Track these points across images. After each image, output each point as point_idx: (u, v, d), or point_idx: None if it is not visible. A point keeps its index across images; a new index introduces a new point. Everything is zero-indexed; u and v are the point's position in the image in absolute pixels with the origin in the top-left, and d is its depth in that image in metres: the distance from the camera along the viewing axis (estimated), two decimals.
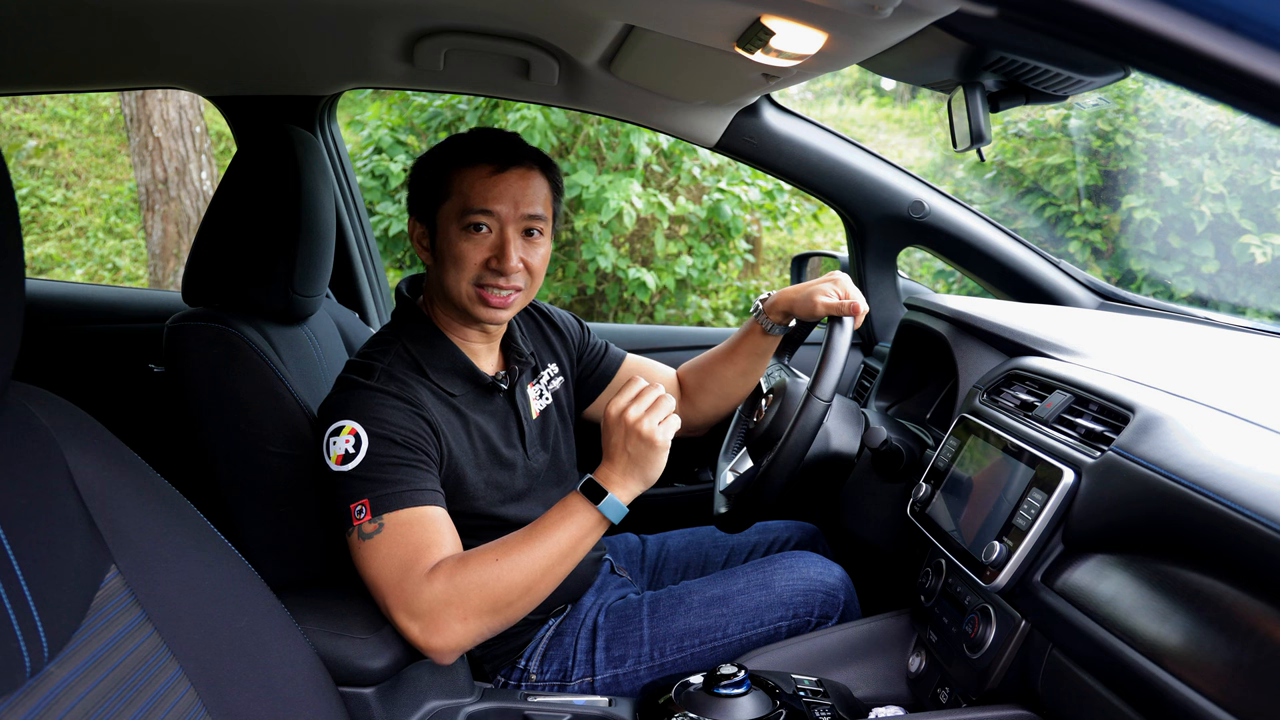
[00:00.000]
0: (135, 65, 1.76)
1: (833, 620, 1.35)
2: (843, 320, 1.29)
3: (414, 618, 1.05)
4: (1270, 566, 0.70)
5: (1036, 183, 5.36)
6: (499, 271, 1.20)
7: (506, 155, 1.22)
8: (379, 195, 4.84)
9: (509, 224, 1.21)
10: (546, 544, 1.10)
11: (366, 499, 1.09)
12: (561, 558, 1.10)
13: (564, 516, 1.11)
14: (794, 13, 1.04)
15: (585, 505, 1.11)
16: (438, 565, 1.07)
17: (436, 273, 1.25)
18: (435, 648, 1.06)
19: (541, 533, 1.11)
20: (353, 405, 1.15)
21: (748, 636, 1.32)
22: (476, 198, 1.20)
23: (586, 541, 1.12)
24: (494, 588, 1.06)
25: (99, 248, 6.19)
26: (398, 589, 1.06)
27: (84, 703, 0.70)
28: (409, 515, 1.09)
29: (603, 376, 1.53)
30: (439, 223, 1.23)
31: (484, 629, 1.08)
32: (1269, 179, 4.80)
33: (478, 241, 1.20)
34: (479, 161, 1.21)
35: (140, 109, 5.06)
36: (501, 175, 1.21)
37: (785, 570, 1.37)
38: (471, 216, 1.20)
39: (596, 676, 1.30)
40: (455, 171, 1.22)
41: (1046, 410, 1.11)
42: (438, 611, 1.05)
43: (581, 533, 1.11)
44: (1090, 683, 0.87)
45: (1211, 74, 0.44)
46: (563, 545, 1.10)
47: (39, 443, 0.74)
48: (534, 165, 1.24)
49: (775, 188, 5.09)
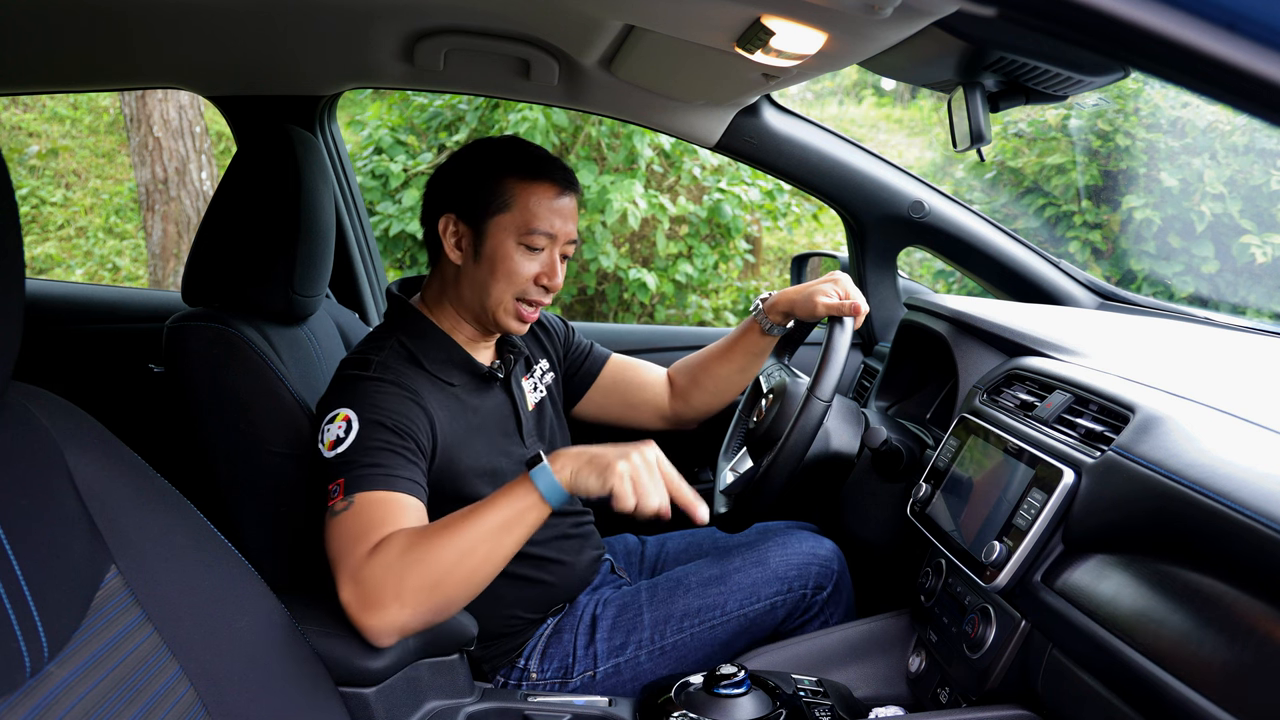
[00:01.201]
0: (136, 65, 1.76)
1: (827, 590, 1.38)
2: (843, 320, 1.30)
3: (355, 588, 0.99)
4: (1270, 566, 0.70)
5: (1036, 183, 5.36)
6: (546, 289, 1.25)
7: (568, 180, 1.27)
8: (379, 195, 4.83)
9: (558, 245, 1.25)
10: (482, 519, 1.02)
11: (343, 479, 1.07)
12: (496, 533, 1.01)
13: (503, 492, 1.04)
14: (794, 13, 1.04)
15: (523, 479, 1.04)
16: (384, 539, 1.01)
17: (474, 276, 1.25)
18: (371, 624, 0.98)
19: (479, 509, 1.03)
20: (348, 394, 1.15)
21: (746, 613, 1.33)
22: (544, 219, 1.23)
23: (526, 517, 1.03)
24: (432, 563, 0.99)
25: (99, 248, 6.19)
26: (346, 559, 1.00)
27: (84, 703, 0.70)
28: (380, 497, 1.06)
29: (588, 375, 1.55)
30: (491, 230, 1.23)
31: (419, 609, 0.99)
32: (1269, 179, 4.80)
33: (532, 258, 1.24)
34: (544, 179, 1.24)
35: (140, 109, 5.05)
36: (563, 198, 1.25)
37: (779, 546, 1.39)
38: (534, 237, 1.22)
39: (598, 668, 1.30)
40: (519, 184, 1.23)
41: (1046, 410, 1.11)
42: (378, 583, 0.98)
43: (516, 509, 1.02)
44: (1090, 683, 0.87)
45: (1211, 74, 0.44)
46: (499, 520, 1.02)
47: (39, 443, 0.74)
48: (578, 191, 1.29)
49: (775, 188, 5.08)
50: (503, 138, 1.30)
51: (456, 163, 1.28)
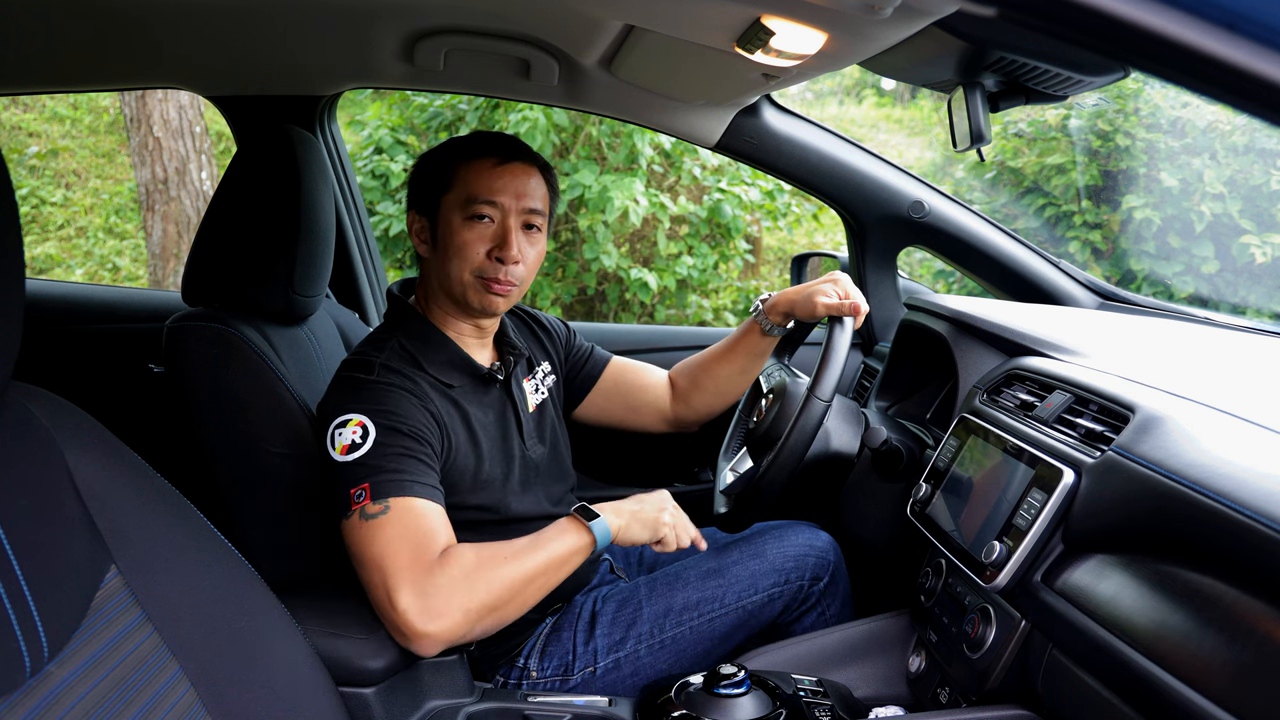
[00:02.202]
0: (136, 65, 1.76)
1: (824, 580, 1.38)
2: (843, 320, 1.30)
3: (419, 597, 1.03)
4: (1270, 566, 0.70)
5: (1036, 183, 5.36)
6: (501, 261, 1.22)
7: (509, 150, 1.25)
8: (379, 195, 4.83)
9: (511, 215, 1.23)
10: (544, 551, 1.13)
11: (368, 483, 1.09)
12: (553, 567, 1.13)
13: (560, 532, 1.16)
14: (794, 13, 1.04)
15: (578, 525, 1.16)
16: (450, 550, 1.08)
17: (437, 263, 1.26)
18: (429, 632, 1.03)
19: (540, 543, 1.14)
20: (358, 398, 1.16)
21: (744, 605, 1.33)
22: (481, 188, 1.22)
23: (575, 559, 1.16)
24: (498, 584, 1.08)
25: (99, 248, 6.19)
26: (406, 567, 1.05)
27: (84, 703, 0.70)
28: (416, 504, 1.10)
29: (588, 377, 1.54)
30: (441, 213, 1.24)
31: (475, 627, 1.07)
32: (1269, 179, 4.80)
33: (480, 231, 1.23)
34: (482, 154, 1.24)
35: (140, 109, 5.06)
36: (505, 167, 1.23)
37: (775, 539, 1.40)
38: (475, 206, 1.22)
39: (598, 664, 1.30)
40: (459, 163, 1.24)
41: (1046, 410, 1.11)
42: (446, 596, 1.04)
43: (572, 550, 1.15)
44: (1090, 683, 0.87)
45: (1211, 74, 0.44)
46: (556, 555, 1.14)
47: (39, 443, 0.74)
48: (533, 163, 1.27)
49: (775, 188, 5.08)
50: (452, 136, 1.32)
51: (416, 164, 1.31)
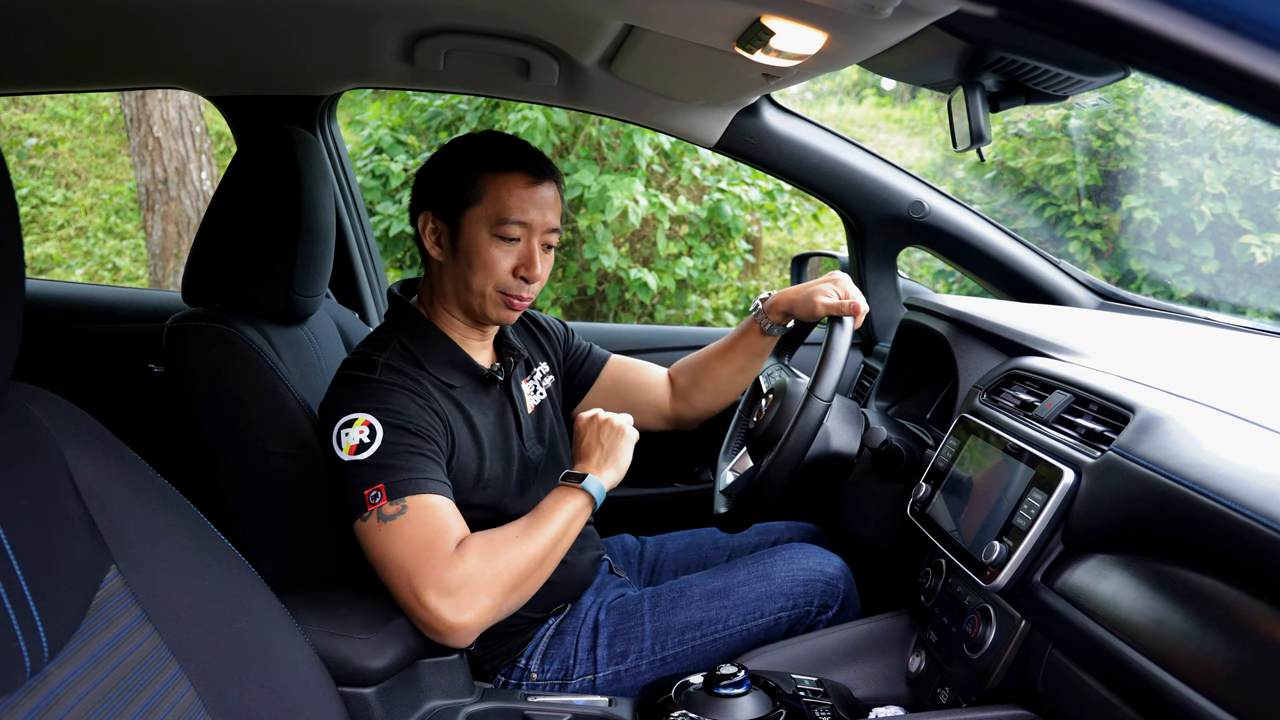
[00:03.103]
0: (136, 65, 1.76)
1: (833, 610, 1.36)
2: (843, 320, 1.30)
3: (445, 594, 1.06)
4: (1270, 566, 0.70)
5: (1036, 183, 5.36)
6: (525, 280, 1.24)
7: (539, 168, 1.24)
8: (379, 195, 4.83)
9: (535, 235, 1.24)
10: (551, 521, 1.17)
11: (382, 484, 1.10)
12: (561, 537, 1.17)
13: (556, 501, 1.19)
14: (794, 13, 1.04)
15: (571, 489, 1.20)
16: (464, 542, 1.10)
17: (454, 271, 1.25)
18: (463, 624, 1.06)
19: (543, 515, 1.17)
20: (363, 397, 1.16)
21: (748, 628, 1.32)
22: (514, 209, 1.21)
23: (579, 520, 1.20)
24: (517, 565, 1.11)
25: (99, 248, 6.19)
26: (427, 566, 1.07)
27: (84, 703, 0.70)
28: (429, 500, 1.11)
29: (587, 377, 1.55)
30: (466, 224, 1.23)
31: (502, 608, 1.11)
32: (1269, 179, 4.79)
33: (508, 250, 1.23)
34: (514, 170, 1.22)
35: (140, 109, 5.05)
36: (536, 187, 1.23)
37: (785, 561, 1.38)
38: (507, 227, 1.21)
39: (598, 674, 1.30)
40: (489, 176, 1.22)
41: (1046, 410, 1.11)
42: (471, 586, 1.07)
43: (574, 512, 1.19)
44: (1090, 683, 0.87)
45: (1211, 74, 0.44)
46: (561, 521, 1.17)
47: (39, 443, 0.74)
48: (556, 181, 1.27)
49: (775, 188, 5.08)
50: (480, 133, 1.30)
51: (433, 161, 1.28)
